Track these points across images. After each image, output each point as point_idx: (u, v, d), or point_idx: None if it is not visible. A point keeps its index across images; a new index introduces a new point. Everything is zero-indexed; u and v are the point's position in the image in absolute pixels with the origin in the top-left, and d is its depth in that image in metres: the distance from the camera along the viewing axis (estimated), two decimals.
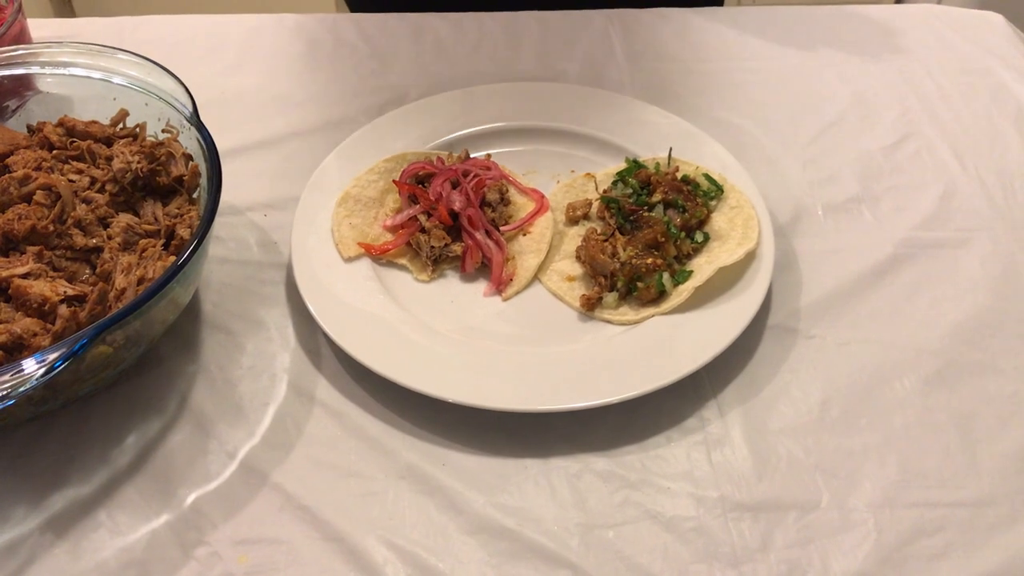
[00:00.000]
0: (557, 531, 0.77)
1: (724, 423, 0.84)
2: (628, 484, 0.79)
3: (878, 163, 1.09)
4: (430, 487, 0.79)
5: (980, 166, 1.08)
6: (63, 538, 0.76)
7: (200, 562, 0.75)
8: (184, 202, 0.90)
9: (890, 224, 1.02)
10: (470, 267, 0.95)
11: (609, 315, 0.91)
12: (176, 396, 0.86)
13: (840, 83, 1.21)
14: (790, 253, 0.98)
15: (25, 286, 0.78)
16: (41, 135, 0.93)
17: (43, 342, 0.75)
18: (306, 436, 0.83)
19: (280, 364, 0.89)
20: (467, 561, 0.75)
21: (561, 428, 0.83)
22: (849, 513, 0.77)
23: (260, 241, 1.00)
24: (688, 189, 0.98)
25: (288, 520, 0.77)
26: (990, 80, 1.21)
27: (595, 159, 1.08)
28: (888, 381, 0.87)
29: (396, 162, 1.03)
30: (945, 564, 0.74)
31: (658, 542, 0.76)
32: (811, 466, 0.80)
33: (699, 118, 1.10)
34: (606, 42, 1.27)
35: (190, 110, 0.89)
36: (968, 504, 0.78)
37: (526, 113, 1.11)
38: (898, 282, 0.95)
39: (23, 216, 0.82)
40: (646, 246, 0.92)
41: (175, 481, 0.80)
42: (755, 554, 0.75)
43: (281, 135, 1.13)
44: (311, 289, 0.90)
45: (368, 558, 0.75)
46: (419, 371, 0.83)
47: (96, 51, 0.95)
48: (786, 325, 0.91)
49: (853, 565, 0.74)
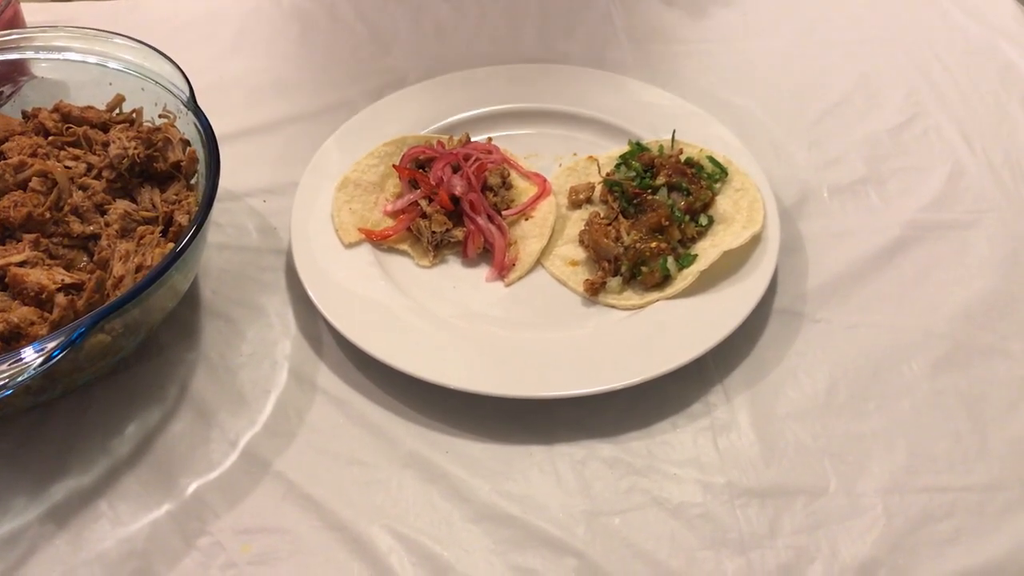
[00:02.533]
0: (563, 518, 0.76)
1: (730, 408, 0.83)
2: (634, 470, 0.79)
3: (884, 144, 1.08)
4: (434, 475, 0.79)
5: (988, 146, 1.07)
6: (64, 528, 0.76)
7: (202, 552, 0.74)
8: (182, 188, 0.89)
9: (897, 206, 1.00)
10: (472, 252, 0.94)
11: (613, 300, 0.90)
12: (176, 384, 0.85)
13: (846, 63, 1.19)
14: (796, 236, 0.97)
15: (22, 274, 0.77)
16: (36, 121, 0.92)
17: (41, 331, 0.74)
18: (308, 424, 0.82)
19: (281, 351, 0.88)
20: (472, 549, 0.74)
21: (566, 414, 0.82)
22: (858, 498, 0.77)
23: (259, 227, 0.99)
24: (692, 172, 0.96)
25: (291, 509, 0.77)
26: (997, 60, 1.19)
27: (598, 142, 1.06)
28: (896, 365, 0.86)
29: (396, 146, 1.02)
30: (955, 549, 0.74)
31: (665, 529, 0.75)
32: (819, 451, 0.80)
33: (703, 99, 1.09)
34: (608, 23, 1.25)
35: (187, 95, 0.88)
36: (978, 488, 0.77)
37: (527, 96, 1.10)
38: (905, 264, 0.94)
39: (19, 203, 0.81)
40: (650, 230, 0.91)
41: (176, 470, 0.79)
42: (763, 540, 0.74)
43: (279, 120, 1.11)
44: (311, 275, 0.89)
45: (372, 547, 0.74)
46: (421, 358, 0.83)
47: (91, 35, 0.93)
48: (792, 309, 0.90)
49: (862, 551, 0.73)
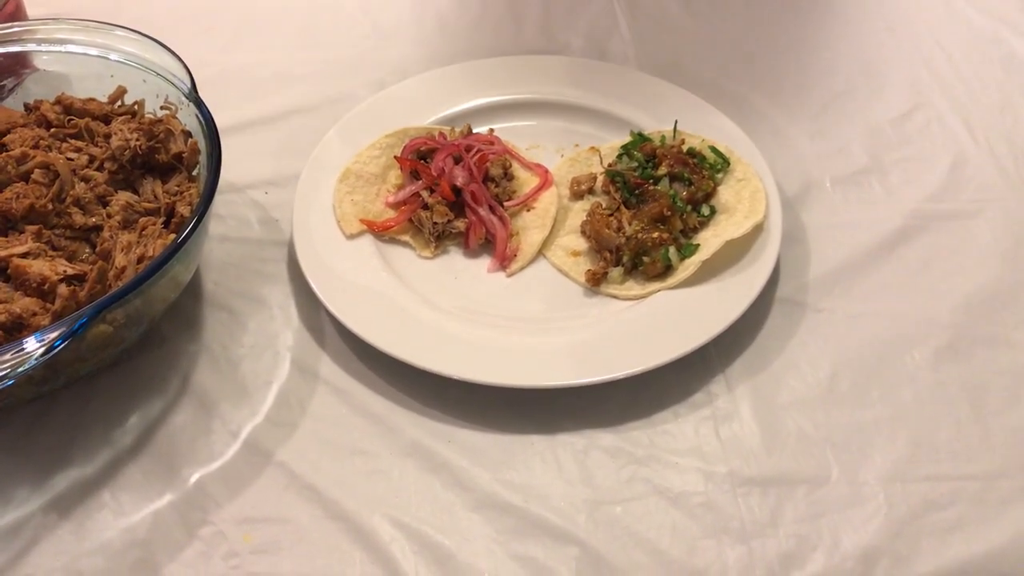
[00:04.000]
0: (564, 507, 0.76)
1: (732, 397, 0.83)
2: (636, 460, 0.79)
3: (887, 134, 1.07)
4: (436, 464, 0.79)
5: (991, 136, 1.07)
6: (67, 518, 0.76)
7: (204, 542, 0.74)
8: (184, 180, 0.89)
9: (900, 196, 1.00)
10: (473, 243, 0.94)
11: (615, 290, 0.90)
12: (178, 375, 0.85)
13: (849, 53, 1.19)
14: (798, 226, 0.97)
15: (24, 265, 0.77)
16: (39, 113, 0.92)
17: (43, 321, 0.74)
18: (310, 414, 0.83)
19: (283, 342, 0.88)
20: (473, 538, 0.74)
21: (567, 404, 0.82)
22: (859, 487, 0.76)
23: (261, 219, 0.99)
24: (694, 162, 0.96)
25: (293, 499, 0.77)
26: (1001, 49, 1.19)
27: (600, 133, 1.06)
28: (898, 354, 0.86)
29: (398, 137, 1.02)
30: (957, 538, 0.73)
31: (666, 518, 0.75)
32: (821, 440, 0.80)
33: (705, 90, 1.08)
34: (610, 14, 1.25)
35: (188, 86, 0.88)
36: (979, 477, 0.77)
37: (529, 87, 1.09)
38: (908, 254, 0.94)
39: (21, 195, 0.82)
40: (652, 220, 0.91)
41: (178, 461, 0.79)
42: (764, 529, 0.74)
43: (281, 111, 1.11)
44: (313, 267, 0.89)
45: (374, 536, 0.74)
46: (423, 348, 0.83)
47: (93, 27, 0.93)
48: (795, 298, 0.90)
49: (864, 539, 0.73)
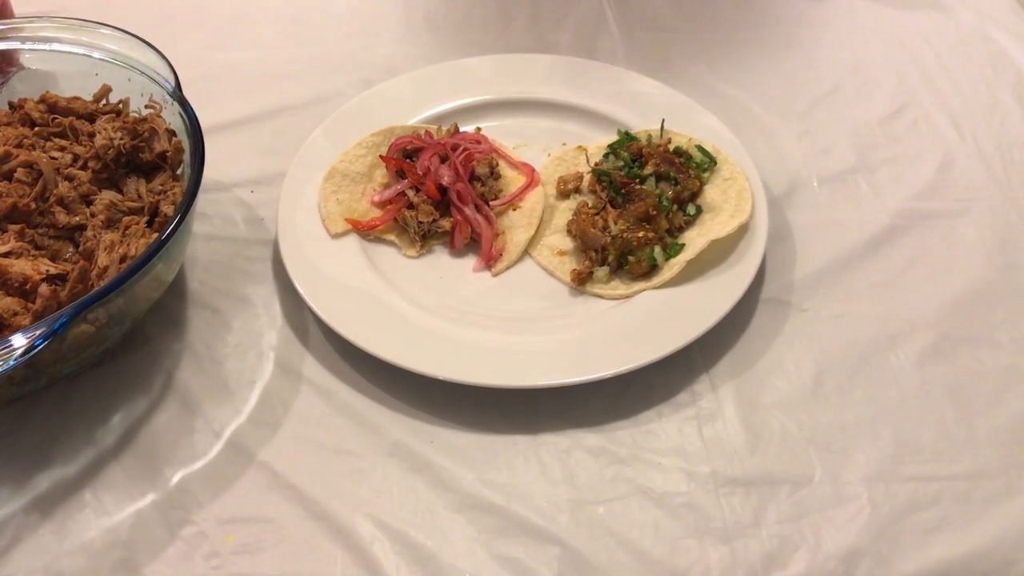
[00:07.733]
0: (546, 507, 0.76)
1: (716, 397, 0.83)
2: (619, 460, 0.79)
3: (875, 133, 1.07)
4: (418, 464, 0.79)
5: (979, 135, 1.07)
6: (48, 518, 0.76)
7: (186, 541, 0.74)
8: (168, 178, 0.89)
9: (886, 195, 1.00)
10: (459, 242, 0.94)
11: (600, 290, 0.90)
12: (162, 375, 0.85)
13: (836, 52, 1.19)
14: (784, 225, 0.97)
15: (6, 265, 0.77)
16: (22, 112, 0.91)
17: (24, 321, 0.74)
18: (293, 414, 0.82)
19: (267, 342, 0.88)
20: (455, 539, 0.74)
21: (551, 404, 0.82)
22: (842, 487, 0.76)
23: (246, 218, 0.99)
24: (680, 161, 0.96)
25: (275, 499, 0.77)
26: (989, 48, 1.19)
27: (587, 132, 1.06)
28: (883, 354, 0.86)
29: (384, 136, 1.02)
30: (940, 537, 0.73)
31: (649, 517, 0.75)
32: (804, 440, 0.79)
33: (692, 89, 1.08)
34: (599, 12, 1.25)
35: (173, 85, 0.88)
36: (963, 477, 0.77)
37: (517, 85, 1.09)
38: (894, 254, 0.94)
39: (4, 194, 0.81)
40: (638, 219, 0.91)
41: (161, 460, 0.79)
42: (747, 529, 0.74)
43: (268, 110, 1.11)
44: (298, 266, 0.89)
45: (356, 536, 0.74)
46: (407, 348, 0.82)
47: (79, 26, 0.93)
48: (780, 298, 0.90)
49: (847, 540, 0.73)
